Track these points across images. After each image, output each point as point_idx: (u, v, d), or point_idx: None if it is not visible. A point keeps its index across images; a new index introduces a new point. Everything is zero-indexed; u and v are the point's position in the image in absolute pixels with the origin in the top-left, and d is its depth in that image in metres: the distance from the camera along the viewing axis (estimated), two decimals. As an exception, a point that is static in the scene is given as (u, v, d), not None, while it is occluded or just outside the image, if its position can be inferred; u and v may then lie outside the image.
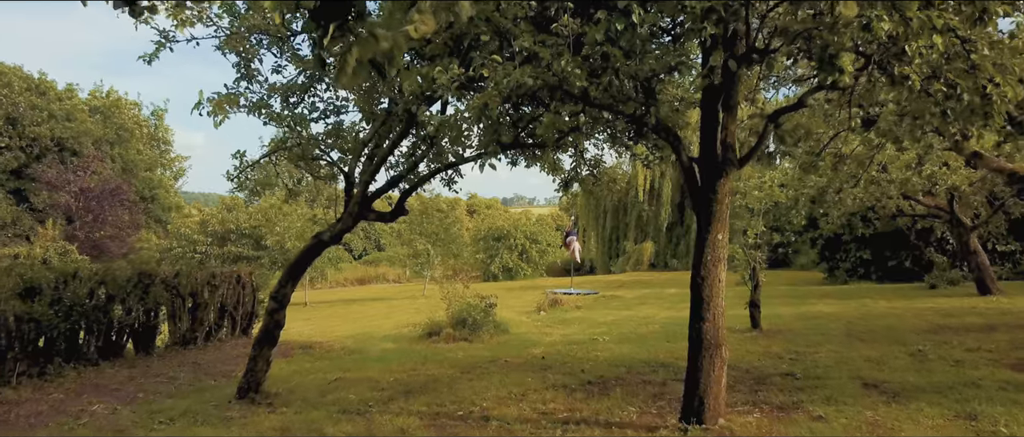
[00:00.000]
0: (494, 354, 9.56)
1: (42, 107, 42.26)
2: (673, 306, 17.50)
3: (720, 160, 4.99)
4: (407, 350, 10.69)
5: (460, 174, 9.22)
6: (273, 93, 6.99)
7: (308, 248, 7.27)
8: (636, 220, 40.80)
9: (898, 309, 13.07)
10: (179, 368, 9.57)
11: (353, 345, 11.73)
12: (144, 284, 9.96)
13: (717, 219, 4.98)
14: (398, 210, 7.51)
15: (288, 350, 11.19)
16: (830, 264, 25.81)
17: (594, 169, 9.15)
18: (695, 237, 5.12)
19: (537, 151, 8.64)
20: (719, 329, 4.96)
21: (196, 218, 31.16)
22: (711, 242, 4.97)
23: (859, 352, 8.25)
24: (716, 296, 4.95)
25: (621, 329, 11.96)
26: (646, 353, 8.96)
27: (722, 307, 4.99)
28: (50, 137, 41.22)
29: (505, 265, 39.69)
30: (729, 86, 4.94)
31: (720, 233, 4.99)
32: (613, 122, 5.62)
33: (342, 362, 9.92)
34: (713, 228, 4.97)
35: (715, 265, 4.97)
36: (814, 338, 9.60)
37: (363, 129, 7.42)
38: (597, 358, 8.75)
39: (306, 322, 17.95)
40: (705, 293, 4.95)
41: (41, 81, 44.38)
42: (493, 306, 11.92)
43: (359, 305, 24.91)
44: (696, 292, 5.01)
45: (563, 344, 10.26)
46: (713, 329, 4.94)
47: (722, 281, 4.99)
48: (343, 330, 14.77)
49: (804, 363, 7.69)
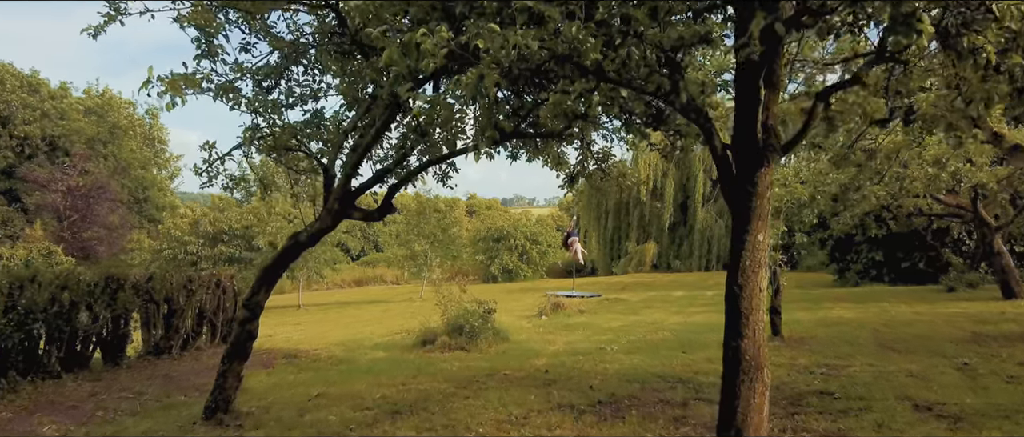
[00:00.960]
0: (492, 366, 8.75)
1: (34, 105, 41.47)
2: (682, 310, 16.68)
3: (761, 146, 4.18)
4: (399, 360, 9.89)
5: (455, 169, 8.42)
6: (243, 75, 6.19)
7: (284, 250, 6.47)
8: (638, 220, 39.98)
9: (923, 314, 12.26)
10: (149, 381, 8.76)
11: (342, 354, 10.92)
12: (112, 289, 9.16)
13: (757, 216, 4.17)
14: (385, 208, 6.71)
15: (270, 360, 10.38)
16: (840, 265, 24.98)
17: (602, 163, 8.36)
18: (731, 239, 4.31)
19: (539, 142, 7.85)
20: (760, 348, 4.16)
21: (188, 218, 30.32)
22: (750, 245, 4.16)
23: (897, 365, 7.44)
24: (756, 309, 4.15)
25: (629, 336, 11.15)
26: (660, 365, 8.14)
27: (763, 322, 4.19)
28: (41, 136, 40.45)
29: (505, 266, 38.87)
30: (772, 57, 4.14)
31: (761, 233, 4.18)
32: (630, 104, 4.82)
33: (327, 374, 9.11)
34: (752, 227, 4.16)
35: (755, 272, 4.16)
36: (842, 348, 8.79)
37: (346, 117, 6.62)
38: (606, 371, 7.94)
39: (296, 327, 17.14)
40: (743, 305, 4.14)
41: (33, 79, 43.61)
42: (492, 312, 11.10)
43: (354, 308, 24.10)
44: (732, 304, 4.20)
45: (567, 354, 9.45)
46: (753, 348, 4.13)
47: (763, 290, 4.19)
48: (334, 336, 13.96)
49: (839, 379, 6.87)
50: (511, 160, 8.60)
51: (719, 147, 4.33)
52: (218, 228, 27.72)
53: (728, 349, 4.21)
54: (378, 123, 5.84)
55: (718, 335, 11.29)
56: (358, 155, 5.99)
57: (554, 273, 41.61)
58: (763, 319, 4.16)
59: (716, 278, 31.71)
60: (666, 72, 4.12)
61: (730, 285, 4.21)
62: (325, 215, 6.09)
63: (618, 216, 40.88)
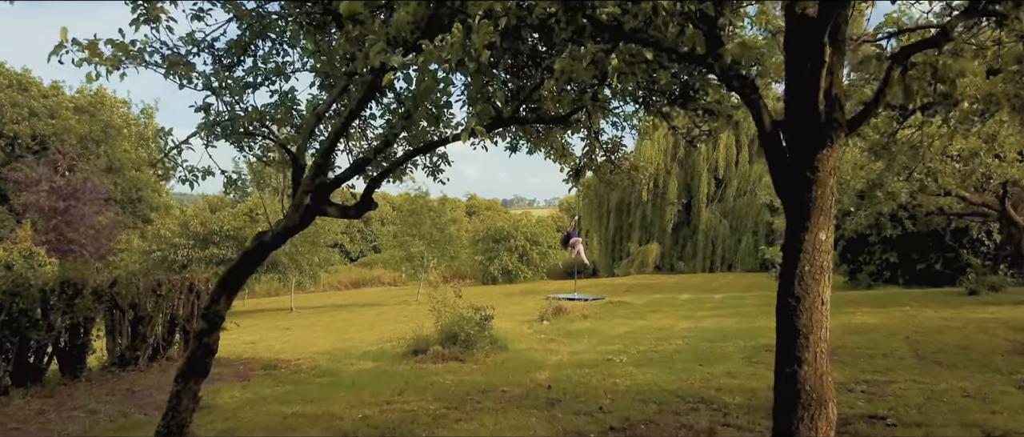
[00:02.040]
0: (489, 380, 7.87)
1: (23, 104, 40.67)
2: (690, 315, 15.82)
3: (823, 120, 3.31)
4: (387, 372, 9.02)
5: (447, 161, 7.57)
6: (198, 48, 5.32)
7: (247, 253, 5.58)
8: (641, 220, 39.13)
9: (953, 321, 11.38)
10: (107, 397, 7.89)
11: (326, 364, 10.05)
12: (68, 294, 8.29)
13: (818, 210, 3.30)
14: (364, 203, 5.82)
15: (247, 371, 9.51)
16: (852, 267, 24.05)
17: (612, 154, 7.50)
18: (785, 238, 3.44)
19: (541, 130, 6.99)
20: (824, 376, 3.29)
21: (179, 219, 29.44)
22: (810, 246, 3.30)
23: (947, 382, 6.56)
24: (818, 327, 3.28)
25: (638, 345, 10.28)
26: (677, 381, 7.27)
27: (827, 343, 3.32)
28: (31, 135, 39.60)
29: (505, 268, 38.00)
30: (837, 7, 3.27)
31: (822, 231, 3.32)
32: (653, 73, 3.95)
33: (308, 388, 8.24)
34: (813, 223, 3.30)
35: (816, 280, 3.29)
36: (878, 361, 7.91)
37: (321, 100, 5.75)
38: (616, 388, 7.06)
39: (284, 332, 16.27)
40: (801, 322, 3.27)
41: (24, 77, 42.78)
42: (489, 319, 10.23)
43: (347, 311, 23.22)
44: (786, 320, 3.34)
45: (572, 366, 8.58)
46: (814, 376, 3.26)
47: (826, 304, 3.32)
48: (321, 343, 13.09)
49: (886, 400, 6.00)
50: (510, 151, 7.71)
51: (768, 124, 3.46)
52: (209, 229, 26.83)
53: (782, 377, 3.34)
54: (353, 103, 4.96)
55: (735, 343, 10.46)
56: (330, 141, 5.11)
57: (555, 275, 40.75)
58: (827, 340, 3.29)
59: (721, 280, 30.85)
60: (703, 28, 3.26)
61: (783, 296, 3.34)
62: (292, 212, 5.21)
63: (620, 216, 40.03)
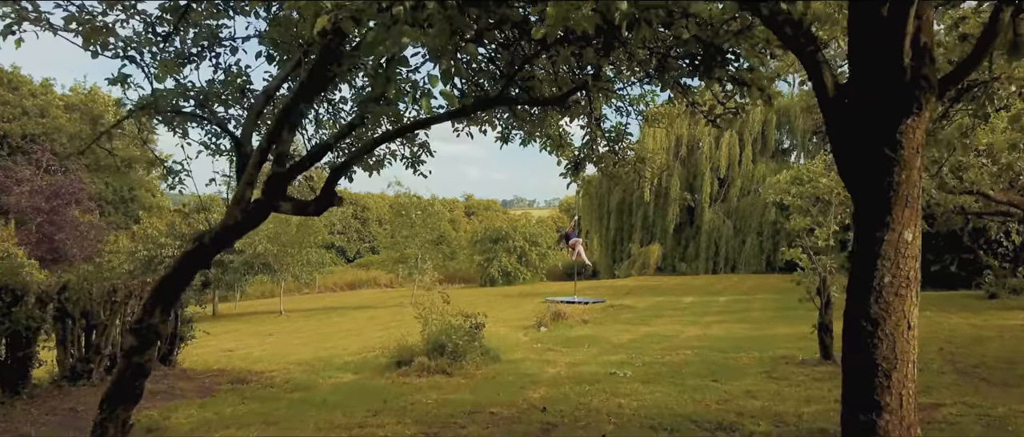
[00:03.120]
0: (477, 399, 6.99)
1: (14, 103, 39.87)
2: (697, 320, 14.94)
3: (908, 80, 2.44)
4: (366, 387, 8.14)
5: (429, 152, 6.71)
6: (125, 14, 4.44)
7: (185, 256, 4.69)
8: (642, 221, 38.22)
9: (985, 328, 10.51)
10: (47, 417, 7.00)
11: (302, 377, 9.17)
12: (5, 302, 7.40)
13: (901, 199, 2.43)
14: (326, 197, 4.94)
15: (213, 385, 8.64)
16: (862, 269, 23.17)
17: (615, 144, 6.62)
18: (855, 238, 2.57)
19: (536, 113, 6.11)
20: (912, 429, 2.40)
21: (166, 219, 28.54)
22: (891, 250, 2.42)
23: (1005, 404, 5.68)
24: (904, 361, 2.40)
25: (644, 356, 9.39)
26: (690, 402, 6.38)
27: (915, 384, 2.44)
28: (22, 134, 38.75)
29: (503, 269, 37.10)
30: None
31: (908, 228, 2.44)
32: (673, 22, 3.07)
33: (275, 407, 7.36)
34: (895, 219, 2.42)
35: (901, 296, 2.41)
36: (916, 377, 7.02)
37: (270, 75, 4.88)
38: (621, 411, 6.17)
39: (266, 339, 15.39)
40: (881, 353, 2.39)
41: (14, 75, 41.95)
42: (480, 327, 9.35)
43: (338, 315, 22.35)
44: (859, 350, 2.46)
45: (571, 382, 7.69)
46: (900, 428, 2.38)
47: (914, 328, 2.44)
48: (302, 352, 12.21)
49: (940, 428, 5.13)
50: (501, 143, 6.85)
51: (831, 87, 2.58)
52: (195, 229, 25.94)
53: (853, 425, 2.45)
54: (304, 76, 4.08)
55: (750, 354, 9.51)
56: (276, 122, 4.23)
57: (554, 276, 39.88)
58: (915, 378, 2.40)
59: (724, 282, 29.91)
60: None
61: (854, 319, 2.46)
62: (232, 207, 4.33)
63: (621, 217, 39.12)
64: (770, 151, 37.20)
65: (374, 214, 56.96)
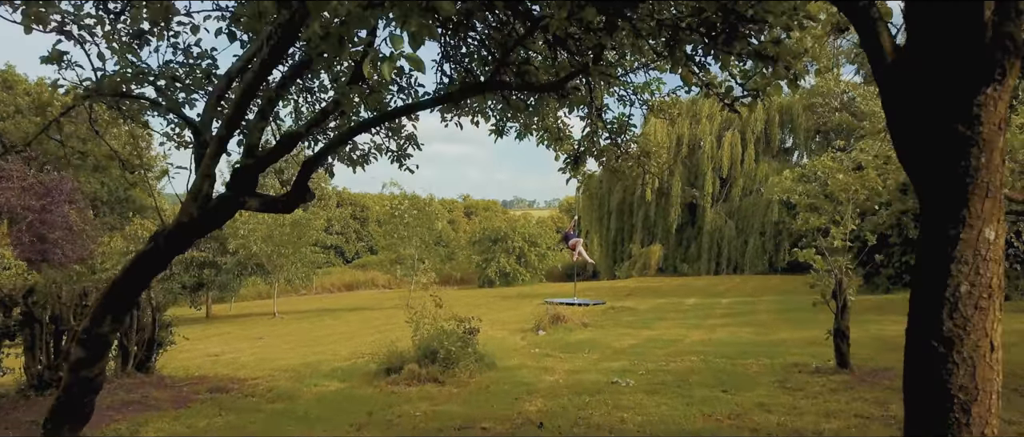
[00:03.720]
0: (469, 411, 6.49)
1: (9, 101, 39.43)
2: (700, 323, 14.44)
3: (989, 42, 1.95)
4: (352, 397, 7.65)
5: (417, 145, 6.22)
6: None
7: (138, 259, 4.20)
8: (643, 221, 37.71)
9: (1012, 336, 10.00)
10: (7, 431, 6.52)
11: (286, 385, 8.67)
12: (-37, 307, 6.92)
13: (980, 189, 1.94)
14: (297, 193, 4.45)
15: (191, 394, 8.14)
16: (868, 269, 22.64)
17: (618, 136, 6.13)
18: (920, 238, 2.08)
19: (532, 103, 5.62)
20: (997, 476, 1.91)
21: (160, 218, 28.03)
22: (969, 252, 1.93)
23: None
24: (986, 390, 1.91)
25: (647, 362, 8.89)
26: (699, 415, 5.88)
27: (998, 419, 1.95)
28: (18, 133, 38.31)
29: (502, 270, 36.61)
30: None
31: (990, 225, 1.95)
32: None
33: (252, 419, 6.86)
34: (972, 212, 1.93)
35: (982, 309, 1.92)
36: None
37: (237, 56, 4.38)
38: (624, 427, 5.67)
39: (255, 343, 14.88)
40: (958, 381, 1.90)
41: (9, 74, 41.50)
42: (474, 332, 8.86)
43: (332, 317, 21.84)
44: (927, 375, 1.97)
45: (569, 392, 7.19)
46: (982, 477, 1.89)
47: (998, 350, 1.95)
48: (290, 357, 11.71)
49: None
50: (496, 135, 6.36)
51: (889, 49, 2.09)
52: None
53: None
54: (265, 51, 3.59)
55: (759, 361, 8.92)
56: (234, 106, 3.73)
57: (554, 277, 39.41)
58: (998, 411, 1.91)
59: (727, 283, 29.39)
60: None
61: (920, 338, 1.97)
62: (188, 202, 3.83)
63: (621, 217, 38.62)
64: (773, 150, 36.69)
65: (373, 214, 56.53)
